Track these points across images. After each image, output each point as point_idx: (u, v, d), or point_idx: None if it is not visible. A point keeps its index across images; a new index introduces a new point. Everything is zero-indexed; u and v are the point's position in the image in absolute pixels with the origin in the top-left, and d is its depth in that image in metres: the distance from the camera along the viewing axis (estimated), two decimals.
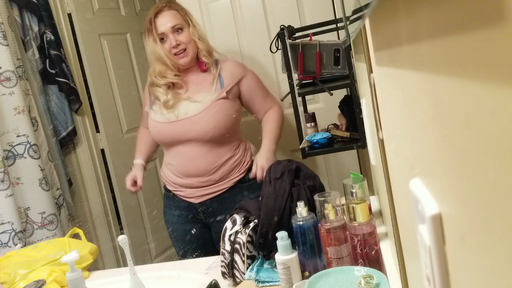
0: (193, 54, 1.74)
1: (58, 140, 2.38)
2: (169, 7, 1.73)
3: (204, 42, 1.76)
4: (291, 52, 1.36)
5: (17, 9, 2.23)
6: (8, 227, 1.94)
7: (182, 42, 1.71)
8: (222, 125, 1.69)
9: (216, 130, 1.68)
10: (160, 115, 1.74)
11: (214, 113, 1.68)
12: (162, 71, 1.73)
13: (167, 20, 1.71)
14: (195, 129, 1.68)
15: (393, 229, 0.77)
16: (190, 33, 1.73)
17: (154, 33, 1.71)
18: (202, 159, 1.71)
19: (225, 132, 1.71)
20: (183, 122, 1.70)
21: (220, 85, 1.73)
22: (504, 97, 0.19)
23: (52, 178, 2.23)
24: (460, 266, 0.31)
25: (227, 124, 1.71)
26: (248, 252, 1.21)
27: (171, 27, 1.70)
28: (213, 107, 1.69)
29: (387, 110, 0.62)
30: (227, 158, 1.73)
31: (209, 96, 1.71)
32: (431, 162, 0.36)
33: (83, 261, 1.50)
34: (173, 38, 1.70)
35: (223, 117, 1.70)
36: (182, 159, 1.73)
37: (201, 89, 1.74)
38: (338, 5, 1.78)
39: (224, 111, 1.70)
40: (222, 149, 1.72)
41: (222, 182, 1.74)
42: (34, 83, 2.28)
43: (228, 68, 1.78)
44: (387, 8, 0.46)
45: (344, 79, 1.38)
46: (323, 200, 1.10)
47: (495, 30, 0.19)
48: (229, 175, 1.74)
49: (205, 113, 1.68)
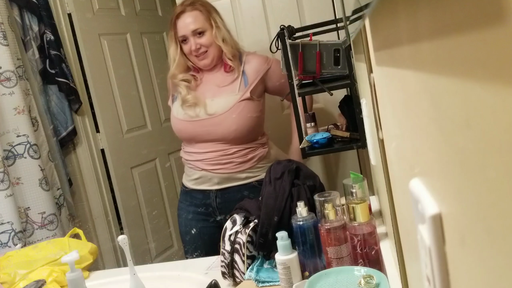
0: (214, 56, 1.70)
1: (58, 140, 2.38)
2: (192, 7, 1.68)
3: (229, 44, 1.70)
4: (291, 52, 1.36)
5: (17, 9, 2.23)
6: (8, 227, 1.94)
7: (203, 45, 1.68)
8: (245, 126, 1.66)
9: (238, 132, 1.66)
10: (182, 112, 1.71)
11: (238, 115, 1.65)
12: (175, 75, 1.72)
13: (188, 22, 1.67)
14: (217, 130, 1.66)
15: (393, 229, 0.77)
16: (212, 35, 1.68)
17: (174, 35, 1.69)
18: (223, 158, 1.69)
19: (248, 133, 1.69)
20: (205, 122, 1.67)
21: (244, 84, 1.69)
22: (504, 97, 0.19)
23: (52, 178, 2.23)
24: (460, 266, 0.31)
25: (250, 125, 1.68)
26: (248, 252, 1.21)
27: (192, 30, 1.67)
28: (236, 108, 1.65)
29: (387, 110, 0.62)
30: (250, 156, 1.71)
31: (232, 97, 1.67)
32: (431, 162, 0.36)
33: (83, 261, 1.50)
34: (194, 41, 1.67)
35: (247, 119, 1.67)
36: (203, 156, 1.72)
37: (224, 89, 1.70)
38: (338, 5, 1.78)
39: (247, 113, 1.66)
40: (245, 147, 1.71)
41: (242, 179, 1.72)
42: (34, 83, 2.28)
43: (252, 64, 1.73)
44: (387, 8, 0.46)
45: (344, 79, 1.38)
46: (323, 200, 1.10)
47: (495, 30, 0.19)
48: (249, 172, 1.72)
49: (228, 114, 1.65)
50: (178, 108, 1.73)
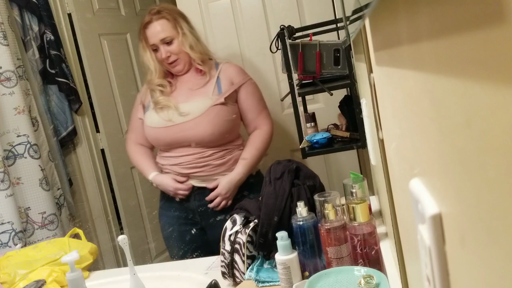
0: (185, 62, 1.74)
1: (58, 140, 2.38)
2: (159, 15, 1.70)
3: (196, 50, 1.72)
4: (291, 52, 1.36)
5: (17, 9, 2.23)
6: (8, 227, 1.94)
7: (172, 53, 1.70)
8: (220, 129, 1.68)
9: (215, 135, 1.67)
10: (156, 119, 1.72)
11: (213, 119, 1.66)
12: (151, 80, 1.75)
13: (157, 31, 1.70)
14: (193, 133, 1.67)
15: (393, 229, 0.77)
16: (179, 43, 1.70)
17: (146, 43, 1.72)
18: (200, 161, 1.70)
19: (224, 136, 1.70)
20: (180, 126, 1.68)
21: (218, 90, 1.71)
22: (504, 97, 0.19)
23: (52, 178, 2.23)
24: (460, 266, 0.31)
25: (226, 128, 1.69)
26: (248, 252, 1.21)
27: (161, 39, 1.70)
28: (210, 112, 1.66)
29: (387, 110, 0.62)
30: (227, 158, 1.72)
31: (206, 100, 1.68)
32: (431, 162, 0.36)
33: (83, 261, 1.50)
34: (164, 49, 1.70)
35: (222, 122, 1.68)
36: (179, 160, 1.72)
37: (198, 93, 1.72)
38: (338, 5, 1.78)
39: (222, 116, 1.68)
40: (221, 149, 1.71)
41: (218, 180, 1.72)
42: (35, 83, 2.28)
43: (228, 73, 1.74)
44: (387, 8, 0.46)
45: (344, 79, 1.38)
46: (323, 200, 1.10)
47: (495, 30, 0.19)
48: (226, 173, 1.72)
49: (202, 118, 1.66)
50: (152, 116, 1.74)
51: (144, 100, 1.83)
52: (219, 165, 1.71)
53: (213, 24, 2.28)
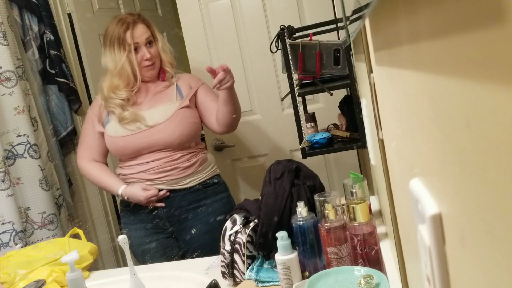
0: (158, 68, 1.79)
1: (58, 140, 2.38)
2: (140, 19, 1.76)
3: (169, 54, 1.80)
4: (291, 52, 1.36)
5: (17, 9, 2.23)
6: (9, 226, 1.94)
7: (152, 55, 1.74)
8: (188, 131, 1.73)
9: (182, 137, 1.71)
10: (120, 129, 1.72)
11: (180, 121, 1.71)
12: (118, 85, 1.73)
13: (142, 32, 1.74)
14: (161, 138, 1.70)
15: (393, 229, 0.77)
16: (158, 47, 1.77)
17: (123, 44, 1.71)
18: (168, 164, 1.72)
19: (191, 138, 1.75)
20: (147, 132, 1.71)
21: (180, 95, 1.78)
22: (504, 97, 0.19)
23: (52, 178, 2.23)
24: (460, 266, 0.31)
25: (193, 130, 1.75)
26: (248, 252, 1.21)
27: (146, 38, 1.74)
28: (177, 116, 1.72)
29: (387, 110, 0.62)
30: (193, 161, 1.75)
31: (171, 104, 1.74)
32: (431, 162, 0.36)
33: (83, 261, 1.50)
34: (146, 50, 1.73)
35: (189, 124, 1.73)
36: (147, 166, 1.72)
37: (162, 98, 1.77)
38: (338, 5, 1.78)
39: (188, 119, 1.74)
40: (188, 152, 1.75)
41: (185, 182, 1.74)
42: (34, 83, 2.28)
43: (184, 80, 1.82)
44: (387, 8, 0.46)
45: (344, 79, 1.38)
46: (323, 200, 1.10)
47: (495, 30, 0.19)
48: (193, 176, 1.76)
49: (170, 121, 1.71)
50: (115, 126, 1.73)
51: (99, 115, 1.80)
52: (187, 168, 1.74)
53: (213, 24, 2.28)
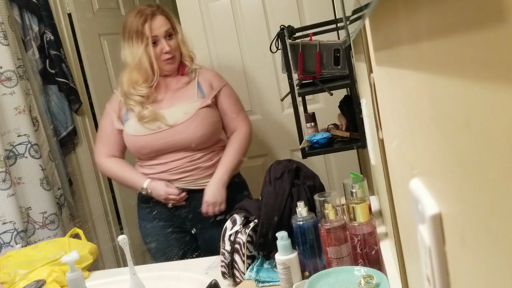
0: (178, 61, 1.73)
1: (58, 140, 2.38)
2: (160, 11, 1.70)
3: (188, 47, 1.75)
4: (291, 52, 1.36)
5: (17, 9, 2.23)
6: (10, 226, 1.94)
7: (172, 48, 1.69)
8: (210, 131, 1.69)
9: (204, 137, 1.67)
10: (140, 127, 1.68)
11: (201, 121, 1.67)
12: (137, 80, 1.68)
13: (162, 23, 1.68)
14: (182, 138, 1.66)
15: (393, 229, 0.77)
16: (178, 39, 1.71)
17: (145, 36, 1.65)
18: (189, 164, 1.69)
19: (213, 137, 1.71)
20: (168, 132, 1.66)
21: (201, 93, 1.72)
22: (504, 97, 0.19)
23: (53, 178, 2.23)
24: (460, 266, 0.31)
25: (214, 129, 1.71)
26: (248, 252, 1.21)
27: (165, 31, 1.68)
28: (198, 115, 1.67)
29: (387, 110, 0.62)
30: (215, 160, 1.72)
31: (193, 103, 1.69)
32: (431, 162, 0.36)
33: (83, 261, 1.50)
34: (166, 43, 1.67)
35: (210, 124, 1.69)
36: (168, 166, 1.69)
37: (182, 96, 1.71)
38: (338, 5, 1.78)
39: (209, 118, 1.69)
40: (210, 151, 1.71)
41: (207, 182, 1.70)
42: (35, 83, 2.28)
43: (206, 77, 1.76)
44: (387, 8, 0.46)
45: (344, 79, 1.38)
46: (323, 200, 1.10)
47: (495, 30, 0.19)
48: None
49: (191, 122, 1.66)
50: (135, 125, 1.69)
51: (118, 111, 1.76)
52: (208, 168, 1.71)
53: (213, 24, 2.28)
